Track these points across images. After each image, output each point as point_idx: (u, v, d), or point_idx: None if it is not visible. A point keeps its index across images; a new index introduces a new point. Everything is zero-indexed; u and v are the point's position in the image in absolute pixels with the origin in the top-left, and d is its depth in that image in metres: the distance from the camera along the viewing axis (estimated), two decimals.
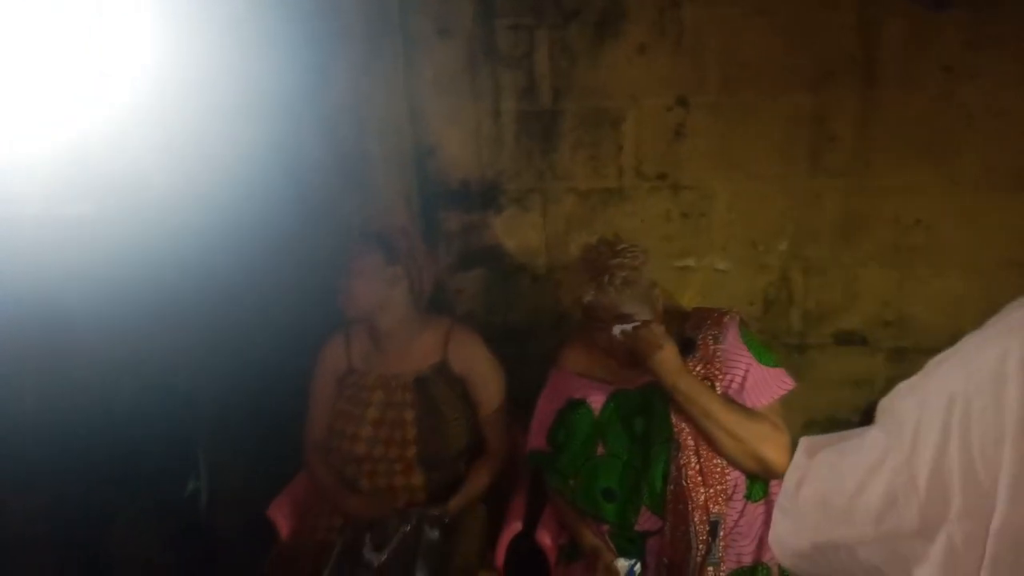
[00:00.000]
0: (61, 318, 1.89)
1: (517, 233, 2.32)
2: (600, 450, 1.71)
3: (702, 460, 1.60)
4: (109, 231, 1.95)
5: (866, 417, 0.84)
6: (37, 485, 2.18)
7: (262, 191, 2.16)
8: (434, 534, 1.80)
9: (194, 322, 2.18)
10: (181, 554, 2.33)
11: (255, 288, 2.27)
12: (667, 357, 1.58)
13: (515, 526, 1.93)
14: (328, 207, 2.24)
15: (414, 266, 1.94)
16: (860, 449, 0.76)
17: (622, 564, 1.62)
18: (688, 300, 2.20)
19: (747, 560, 1.63)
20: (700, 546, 1.58)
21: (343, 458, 1.98)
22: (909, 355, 2.20)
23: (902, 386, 0.74)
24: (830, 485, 0.79)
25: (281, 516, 2.04)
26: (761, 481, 1.64)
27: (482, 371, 2.00)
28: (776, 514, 0.92)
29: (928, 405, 0.68)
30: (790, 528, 0.87)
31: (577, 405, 1.77)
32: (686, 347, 1.66)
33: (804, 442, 0.88)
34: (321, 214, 2.23)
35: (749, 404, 1.61)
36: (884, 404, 0.76)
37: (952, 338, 0.73)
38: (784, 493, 0.87)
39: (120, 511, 2.24)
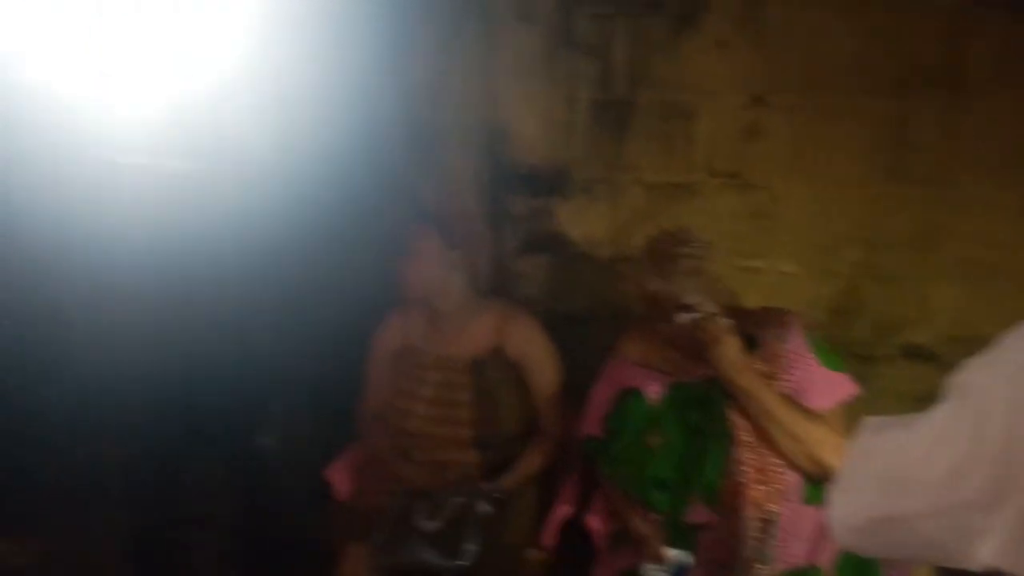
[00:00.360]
0: (149, 266, 1.97)
1: (583, 222, 2.32)
2: (654, 440, 1.71)
3: (760, 457, 1.59)
4: (204, 188, 2.02)
5: None
6: (110, 436, 2.27)
7: (343, 163, 2.22)
8: (486, 508, 1.82)
9: (274, 283, 2.23)
10: (247, 508, 2.39)
11: (331, 254, 2.32)
12: (729, 351, 1.57)
13: (565, 509, 1.94)
14: (401, 182, 2.28)
15: (473, 251, 1.96)
16: (926, 423, 0.75)
17: (672, 554, 1.61)
18: (751, 301, 2.16)
19: (799, 562, 1.60)
20: (752, 543, 1.57)
21: (397, 432, 2.01)
22: None
23: (972, 360, 0.73)
24: (893, 459, 0.78)
25: (338, 478, 2.07)
26: (820, 485, 1.62)
27: (538, 357, 2.01)
28: (834, 492, 0.90)
29: (998, 375, 0.67)
30: (848, 504, 0.85)
31: (634, 394, 1.76)
32: (748, 344, 1.65)
33: (868, 421, 0.86)
34: (394, 188, 2.27)
35: (810, 406, 1.59)
36: (954, 380, 0.74)
37: None
38: (843, 470, 0.86)
39: (191, 462, 2.31)
